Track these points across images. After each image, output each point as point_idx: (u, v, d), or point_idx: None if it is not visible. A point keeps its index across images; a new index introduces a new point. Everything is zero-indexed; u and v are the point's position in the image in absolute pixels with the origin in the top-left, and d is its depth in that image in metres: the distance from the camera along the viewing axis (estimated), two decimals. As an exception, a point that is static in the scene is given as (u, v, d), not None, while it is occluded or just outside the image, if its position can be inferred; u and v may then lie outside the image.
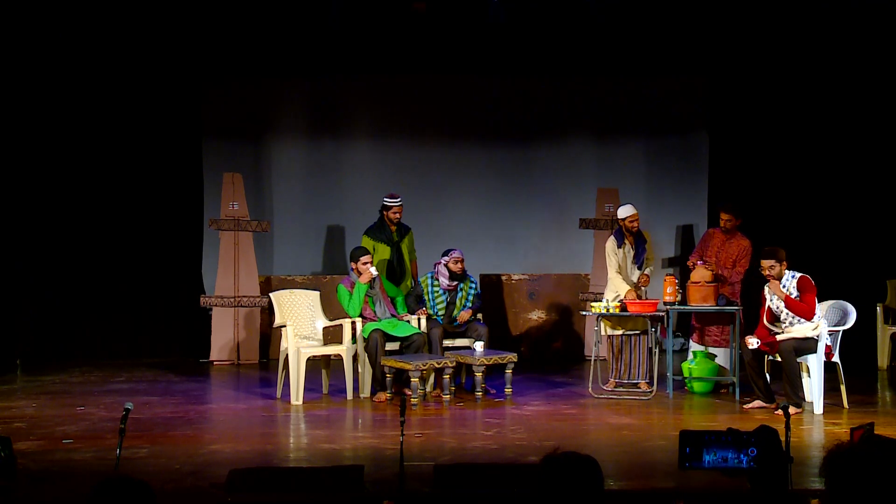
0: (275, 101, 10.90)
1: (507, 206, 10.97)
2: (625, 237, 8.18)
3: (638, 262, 8.17)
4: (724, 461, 4.09)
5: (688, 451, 4.09)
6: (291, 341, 7.69)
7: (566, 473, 2.58)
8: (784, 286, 7.19)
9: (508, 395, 7.71)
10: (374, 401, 7.67)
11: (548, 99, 10.89)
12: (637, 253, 8.16)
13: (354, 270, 7.97)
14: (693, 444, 4.09)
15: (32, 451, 5.84)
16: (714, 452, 4.09)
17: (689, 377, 8.04)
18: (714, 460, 4.09)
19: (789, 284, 7.18)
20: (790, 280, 7.19)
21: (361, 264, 7.88)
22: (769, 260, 7.20)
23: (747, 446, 4.08)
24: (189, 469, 5.44)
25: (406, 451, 4.76)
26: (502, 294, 10.42)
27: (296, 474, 5.04)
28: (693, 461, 4.11)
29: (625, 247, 8.18)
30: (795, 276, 7.20)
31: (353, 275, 7.98)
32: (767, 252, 7.27)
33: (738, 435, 4.12)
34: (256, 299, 9.98)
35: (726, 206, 8.20)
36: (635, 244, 8.17)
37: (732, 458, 4.09)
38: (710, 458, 4.09)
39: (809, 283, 7.15)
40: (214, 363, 9.85)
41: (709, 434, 4.13)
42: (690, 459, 4.10)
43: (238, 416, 7.25)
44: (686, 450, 4.09)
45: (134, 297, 10.33)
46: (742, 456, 4.08)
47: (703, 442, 4.09)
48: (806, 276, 7.18)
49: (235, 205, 10.04)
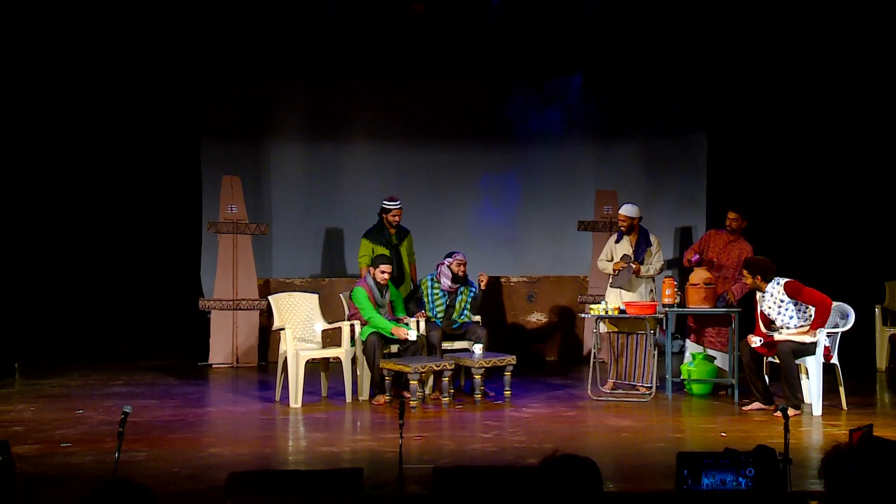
0: (274, 103, 10.89)
1: (506, 208, 10.97)
2: (624, 235, 8.22)
3: (638, 259, 8.18)
4: (722, 484, 4.10)
5: (685, 474, 4.09)
6: (290, 344, 7.68)
7: (565, 476, 2.58)
8: (772, 294, 7.20)
9: (507, 398, 7.71)
10: (372, 403, 7.66)
11: (546, 100, 10.89)
12: (637, 251, 8.17)
13: (373, 274, 7.92)
14: (691, 467, 4.09)
15: (31, 455, 5.83)
16: (713, 475, 4.11)
17: (688, 379, 8.04)
18: (713, 483, 4.11)
19: (777, 292, 7.18)
20: (776, 287, 7.19)
21: (380, 272, 7.86)
22: (744, 270, 7.34)
23: (745, 467, 4.09)
24: (188, 472, 5.43)
25: (405, 453, 4.76)
26: (501, 296, 10.41)
27: (294, 477, 5.04)
28: (691, 484, 4.11)
29: (623, 243, 8.20)
30: (780, 282, 7.19)
31: (370, 278, 7.92)
32: (745, 263, 7.41)
33: (735, 456, 4.13)
34: (255, 302, 9.97)
35: (735, 206, 8.20)
36: (637, 243, 8.18)
37: (731, 481, 4.10)
38: (709, 480, 4.11)
39: (797, 284, 7.14)
40: (213, 366, 9.85)
41: (707, 457, 4.14)
42: (688, 482, 4.11)
43: (237, 419, 7.24)
44: (684, 472, 4.10)
45: (133, 300, 10.34)
46: (740, 478, 4.10)
47: (701, 465, 4.10)
48: (790, 280, 7.18)
49: (234, 208, 10.03)
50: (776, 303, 7.18)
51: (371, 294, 7.86)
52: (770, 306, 7.22)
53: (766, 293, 7.22)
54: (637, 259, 8.16)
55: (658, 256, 8.25)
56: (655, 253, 8.24)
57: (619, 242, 8.27)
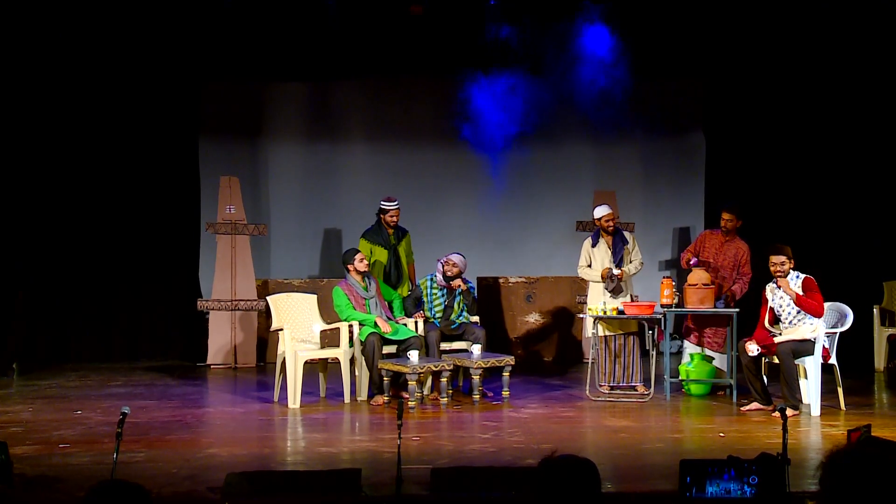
0: (272, 103, 10.89)
1: (504, 208, 10.97)
2: (601, 237, 8.20)
3: (615, 261, 8.16)
4: (727, 493, 4.11)
5: (689, 481, 4.10)
6: (289, 345, 7.68)
7: (564, 476, 2.58)
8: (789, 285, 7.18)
9: (506, 398, 7.71)
10: (371, 404, 7.66)
11: (544, 101, 10.88)
12: (615, 251, 8.16)
13: (351, 272, 7.97)
14: (695, 475, 4.10)
15: (29, 456, 5.83)
16: (717, 484, 4.11)
17: (687, 379, 8.04)
18: (717, 492, 4.12)
19: (794, 285, 7.18)
20: (795, 280, 7.19)
21: (358, 261, 7.89)
22: (780, 256, 7.17)
23: (749, 475, 4.10)
24: (186, 473, 5.43)
25: (403, 454, 4.76)
26: (499, 297, 10.41)
27: (293, 478, 5.03)
28: (695, 492, 4.12)
29: (600, 246, 8.19)
30: (800, 276, 7.20)
31: (350, 277, 7.98)
32: (777, 248, 7.22)
33: (739, 464, 4.13)
34: (254, 303, 9.97)
35: (731, 207, 8.17)
36: (613, 244, 8.17)
37: (735, 490, 4.11)
38: (713, 489, 4.12)
39: (814, 284, 7.15)
40: (212, 367, 9.84)
41: (711, 465, 4.15)
42: (692, 490, 4.12)
43: (235, 420, 7.23)
44: (687, 479, 4.10)
45: (131, 301, 10.33)
46: (745, 486, 4.11)
47: (705, 473, 4.11)
48: (810, 276, 7.18)
49: (232, 208, 10.03)
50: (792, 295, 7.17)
51: (352, 291, 7.88)
52: (783, 296, 7.19)
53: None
54: (616, 259, 8.14)
55: (636, 252, 8.26)
56: (633, 250, 8.24)
57: (595, 246, 8.25)
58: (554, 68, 10.57)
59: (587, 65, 10.31)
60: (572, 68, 10.47)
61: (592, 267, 8.23)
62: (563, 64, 10.50)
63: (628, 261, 8.19)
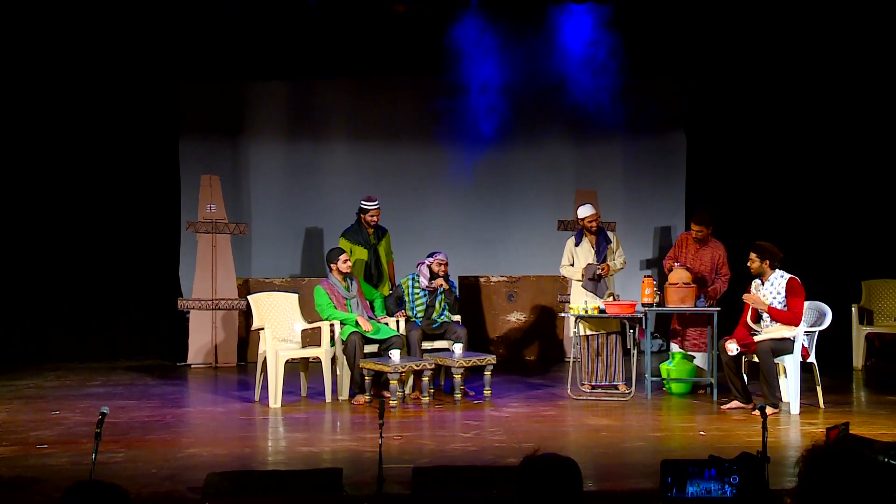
0: (253, 102, 10.85)
1: (486, 208, 10.98)
2: (584, 236, 8.22)
3: (599, 261, 8.18)
4: (707, 493, 4.12)
5: (669, 481, 4.11)
6: (270, 344, 7.65)
7: (545, 475, 2.58)
8: (772, 283, 7.21)
9: (487, 397, 7.71)
10: (352, 403, 7.64)
11: (526, 100, 10.89)
12: (598, 251, 8.18)
13: (334, 272, 7.95)
14: (675, 475, 4.11)
15: (6, 457, 5.78)
16: (697, 484, 4.12)
17: (668, 378, 8.07)
18: (698, 492, 4.13)
19: (778, 284, 7.21)
20: (779, 279, 7.21)
21: (342, 262, 7.88)
22: (752, 253, 7.22)
23: (730, 475, 4.12)
24: (166, 473, 5.39)
25: (385, 453, 4.74)
26: (481, 296, 10.42)
27: (274, 478, 5.01)
28: (676, 492, 4.13)
29: (583, 245, 8.21)
30: (785, 276, 7.22)
31: (332, 276, 7.96)
32: (753, 245, 7.26)
33: (720, 464, 4.15)
34: (234, 302, 9.92)
35: (697, 217, 8.14)
36: (597, 243, 8.20)
37: (716, 490, 4.12)
38: (694, 489, 4.13)
39: (798, 286, 7.16)
40: (192, 366, 9.79)
41: (692, 465, 4.16)
42: (673, 490, 4.13)
43: (216, 420, 7.20)
44: (668, 479, 4.11)
45: (111, 300, 10.26)
46: (726, 486, 4.12)
47: (686, 473, 4.11)
48: (795, 278, 7.20)
49: (213, 207, 9.98)
50: (774, 295, 7.20)
51: (333, 291, 7.87)
52: (765, 296, 7.23)
53: (768, 282, 7.22)
54: (599, 258, 8.16)
55: (619, 251, 8.28)
56: (617, 249, 8.26)
57: (578, 245, 8.26)
58: (536, 67, 10.59)
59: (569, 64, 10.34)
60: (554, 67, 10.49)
61: (575, 266, 8.25)
62: (545, 63, 10.52)
63: (611, 260, 8.21)
